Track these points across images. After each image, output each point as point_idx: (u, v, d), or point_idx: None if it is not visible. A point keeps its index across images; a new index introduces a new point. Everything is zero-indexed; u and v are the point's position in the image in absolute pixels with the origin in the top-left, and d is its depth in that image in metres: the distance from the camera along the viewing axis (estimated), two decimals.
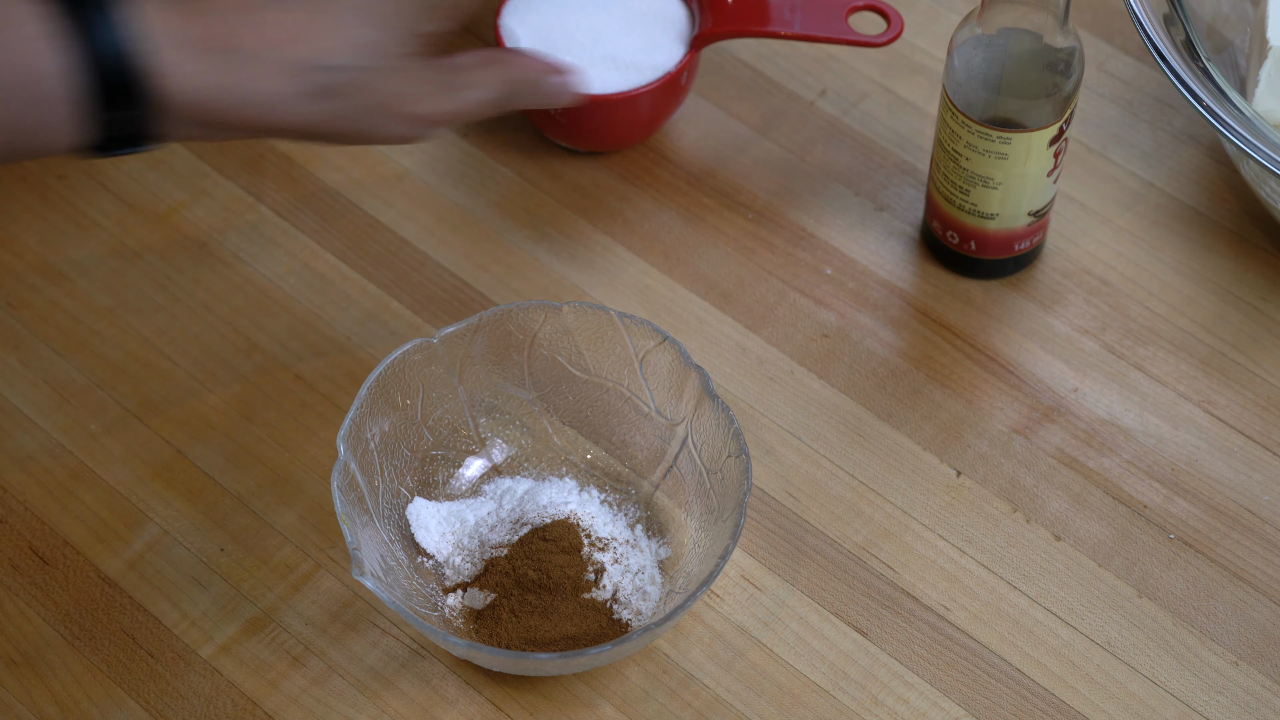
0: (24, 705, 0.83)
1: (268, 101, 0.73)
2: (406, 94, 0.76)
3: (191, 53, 0.71)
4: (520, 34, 0.99)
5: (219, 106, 0.72)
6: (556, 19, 0.99)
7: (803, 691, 0.84)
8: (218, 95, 0.72)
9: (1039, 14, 0.86)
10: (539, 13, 1.00)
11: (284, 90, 0.73)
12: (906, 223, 0.99)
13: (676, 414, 0.87)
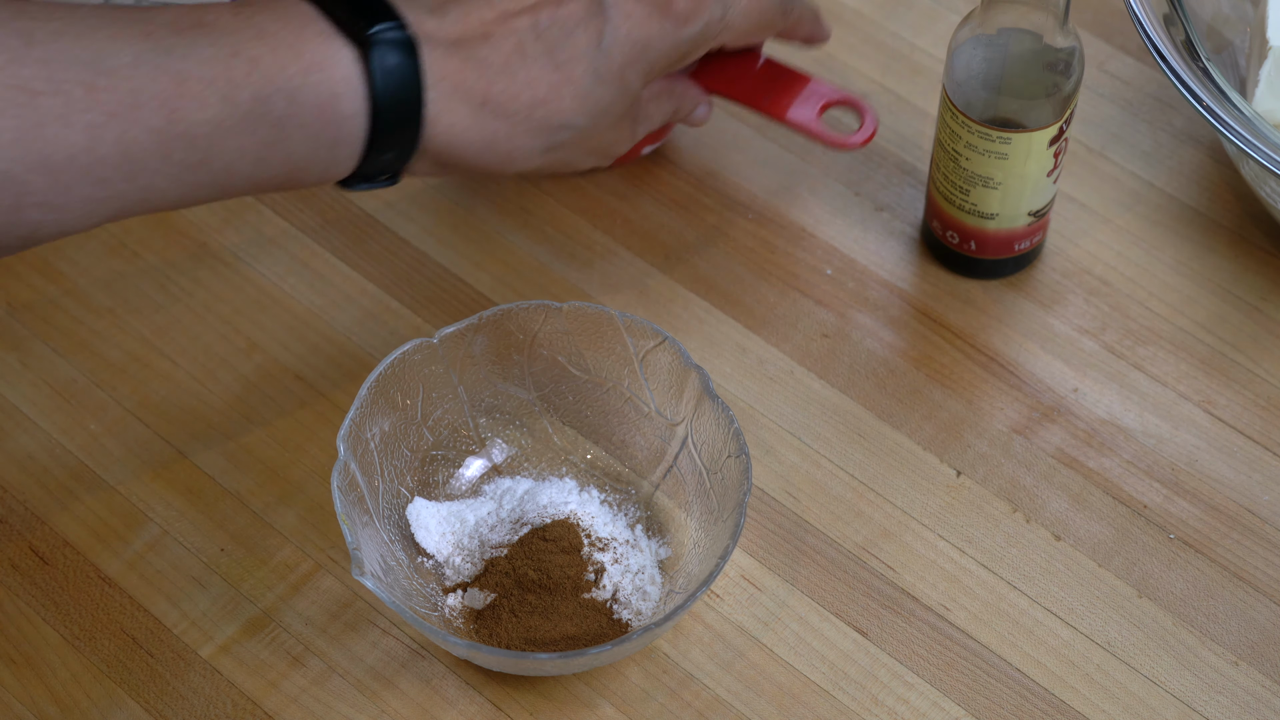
0: (24, 705, 0.83)
1: (511, 153, 0.79)
2: (615, 140, 0.83)
3: (460, 104, 0.76)
4: None
5: (469, 154, 0.77)
6: None
7: (803, 691, 0.84)
8: (472, 145, 0.77)
9: (1039, 14, 0.86)
10: None
11: (528, 146, 0.79)
12: (906, 223, 0.99)
13: (676, 414, 0.87)
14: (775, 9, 0.86)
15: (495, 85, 0.76)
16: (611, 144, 0.83)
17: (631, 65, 0.80)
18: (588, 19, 0.78)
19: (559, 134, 0.79)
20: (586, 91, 0.78)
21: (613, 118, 0.81)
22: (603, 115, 0.80)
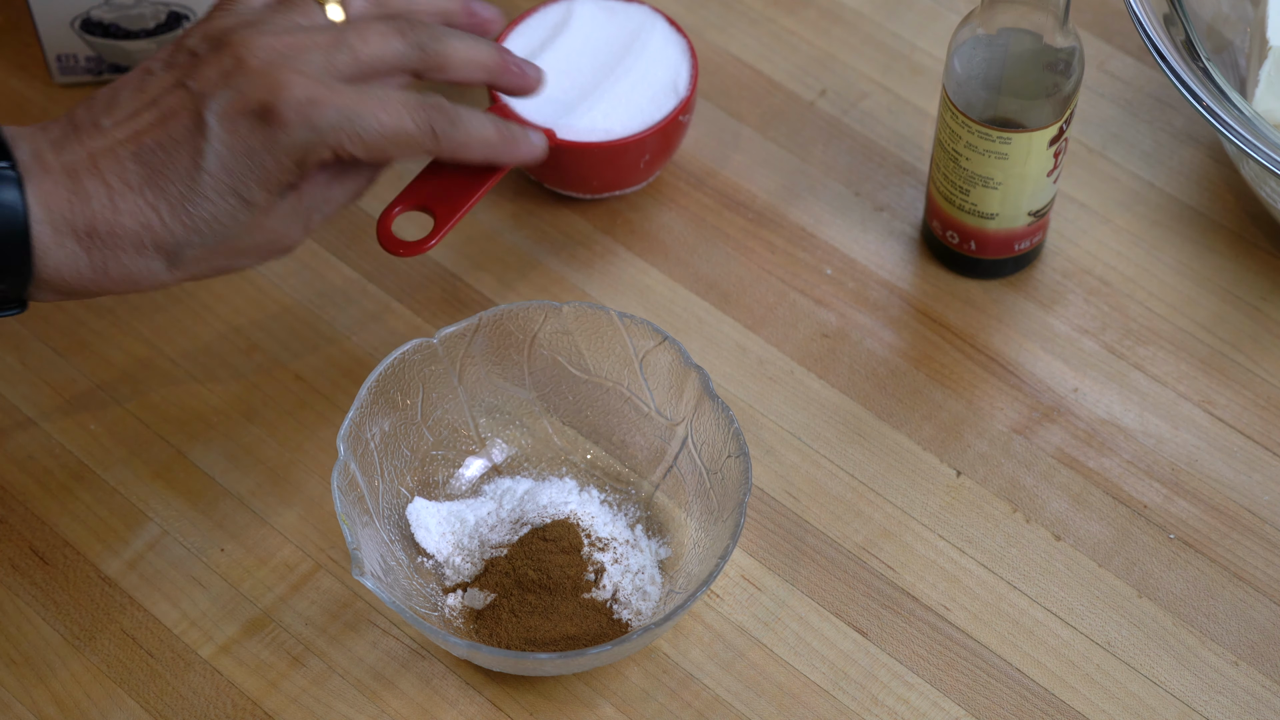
0: (24, 705, 0.83)
1: (131, 278, 0.78)
2: (279, 238, 0.80)
3: (67, 236, 0.76)
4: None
5: (84, 283, 0.77)
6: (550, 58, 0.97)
7: (803, 691, 0.84)
8: (84, 275, 0.77)
9: (1039, 14, 0.86)
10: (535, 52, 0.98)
11: (146, 268, 0.78)
12: (906, 223, 0.99)
13: (676, 414, 0.87)
14: (418, 134, 0.80)
15: (99, 216, 0.76)
16: (275, 242, 0.80)
17: (244, 179, 0.77)
18: (188, 138, 0.77)
19: (181, 252, 0.78)
20: (193, 212, 0.77)
21: (245, 226, 0.78)
22: (227, 229, 0.78)
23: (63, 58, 1.03)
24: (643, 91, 0.96)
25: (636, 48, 0.97)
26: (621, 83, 0.96)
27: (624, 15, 0.99)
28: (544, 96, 0.93)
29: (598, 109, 0.95)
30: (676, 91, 0.96)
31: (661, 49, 0.97)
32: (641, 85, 0.96)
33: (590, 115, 0.95)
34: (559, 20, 0.98)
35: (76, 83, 1.04)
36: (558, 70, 0.95)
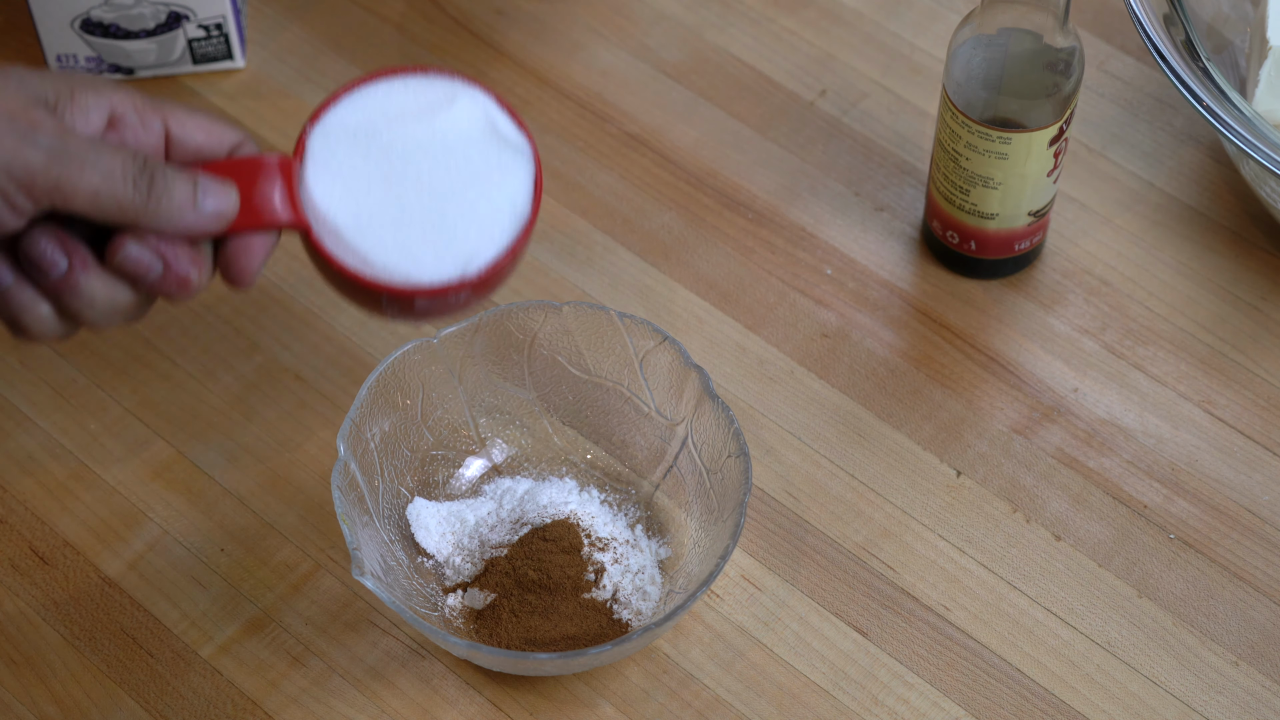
0: (24, 705, 0.83)
1: None
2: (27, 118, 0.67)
3: None
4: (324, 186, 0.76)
5: None
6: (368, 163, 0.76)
7: (803, 691, 0.84)
8: None
9: (1039, 14, 0.86)
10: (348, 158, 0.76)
11: None
12: (906, 223, 0.99)
13: (676, 414, 0.87)
14: (124, 186, 0.68)
15: None
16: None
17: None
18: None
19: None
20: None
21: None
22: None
23: (63, 58, 1.03)
24: (466, 214, 0.76)
25: (463, 149, 0.76)
26: (439, 200, 0.76)
27: (444, 106, 0.77)
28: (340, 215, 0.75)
29: (407, 233, 0.75)
30: (514, 211, 0.76)
31: (494, 152, 0.77)
32: (466, 205, 0.76)
33: (392, 243, 0.75)
34: (370, 107, 0.77)
35: None
36: (358, 176, 0.75)
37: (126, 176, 0.68)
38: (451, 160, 0.76)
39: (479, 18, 1.08)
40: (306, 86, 1.05)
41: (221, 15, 1.02)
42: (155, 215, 0.69)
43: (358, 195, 0.75)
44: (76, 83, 0.69)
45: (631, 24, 1.08)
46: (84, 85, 0.69)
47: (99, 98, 0.69)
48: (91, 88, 0.69)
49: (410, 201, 0.75)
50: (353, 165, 0.75)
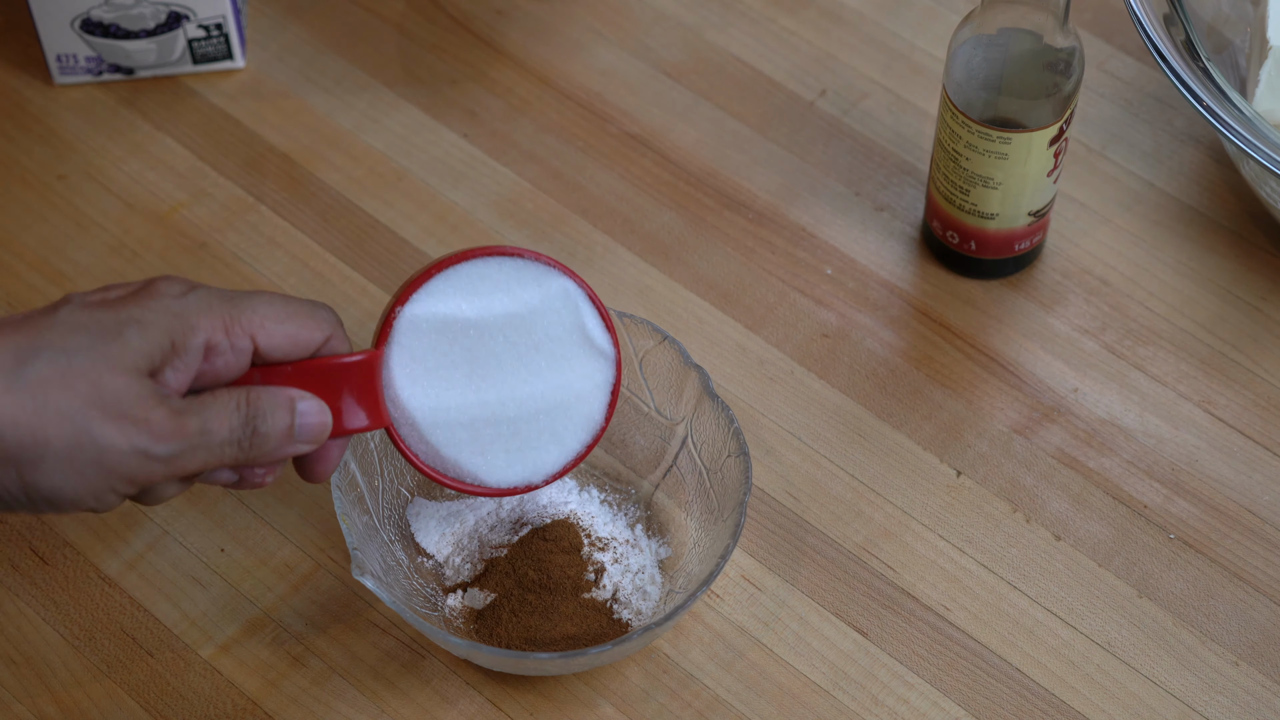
0: (24, 705, 0.83)
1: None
2: (131, 397, 0.68)
3: None
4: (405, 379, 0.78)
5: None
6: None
7: (803, 691, 0.84)
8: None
9: (1039, 14, 0.86)
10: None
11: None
12: (906, 223, 0.99)
13: (676, 414, 0.87)
14: (307, 309, 0.73)
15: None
16: (138, 404, 0.68)
17: (113, 322, 0.68)
18: (53, 308, 0.69)
19: (25, 360, 0.66)
20: (51, 333, 0.67)
21: (111, 361, 0.67)
22: (90, 351, 0.67)
23: (63, 58, 1.03)
24: (543, 424, 0.80)
25: (549, 351, 0.79)
26: (518, 405, 0.79)
27: (534, 300, 0.78)
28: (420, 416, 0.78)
29: (482, 435, 0.79)
30: (589, 423, 0.81)
31: (580, 357, 0.80)
32: (543, 413, 0.80)
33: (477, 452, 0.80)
34: (459, 290, 0.78)
35: (76, 82, 1.04)
36: (441, 372, 0.78)
37: (232, 442, 0.70)
38: (536, 362, 0.79)
39: (479, 18, 1.08)
40: (306, 86, 1.05)
41: (221, 15, 1.02)
42: (255, 459, 0.72)
43: (439, 391, 0.78)
44: (174, 329, 0.69)
45: (631, 24, 1.08)
46: (180, 329, 0.69)
47: (195, 337, 0.70)
48: (187, 327, 0.69)
49: (490, 402, 0.79)
50: (436, 360, 0.78)
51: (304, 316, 0.73)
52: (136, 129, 1.03)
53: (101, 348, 0.67)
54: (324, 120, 1.03)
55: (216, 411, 0.70)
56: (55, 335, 0.67)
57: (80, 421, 0.66)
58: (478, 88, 1.05)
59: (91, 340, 0.67)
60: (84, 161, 1.01)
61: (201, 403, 0.70)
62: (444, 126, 1.03)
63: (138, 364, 0.68)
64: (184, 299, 0.70)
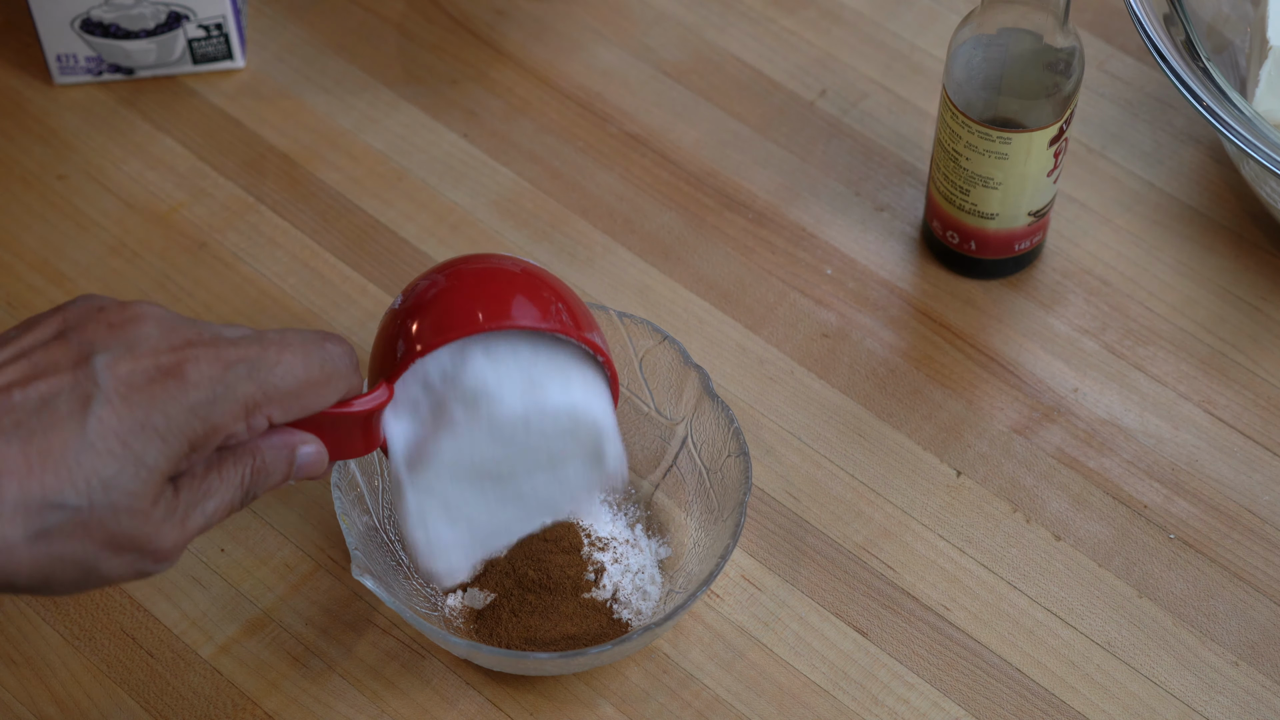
0: (24, 705, 0.83)
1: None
2: (153, 533, 0.67)
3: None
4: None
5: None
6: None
7: (803, 691, 0.84)
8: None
9: (1039, 14, 0.86)
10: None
11: (4, 535, 0.64)
12: (906, 223, 0.99)
13: (676, 414, 0.87)
14: (325, 374, 0.71)
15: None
16: (149, 538, 0.66)
17: (138, 436, 0.65)
18: (72, 388, 0.65)
19: (46, 516, 0.64)
20: (75, 461, 0.64)
21: (130, 498, 0.65)
22: (110, 493, 0.65)
23: (63, 58, 1.03)
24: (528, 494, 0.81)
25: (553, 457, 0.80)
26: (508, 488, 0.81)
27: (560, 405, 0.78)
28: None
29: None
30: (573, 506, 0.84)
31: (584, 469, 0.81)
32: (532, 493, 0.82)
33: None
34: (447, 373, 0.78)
35: (76, 82, 1.04)
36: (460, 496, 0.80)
37: (234, 507, 0.70)
38: (537, 458, 0.79)
39: (479, 18, 1.08)
40: (306, 86, 1.05)
41: (221, 15, 1.02)
42: (247, 504, 0.71)
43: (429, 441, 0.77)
44: (195, 434, 0.67)
45: (631, 24, 1.08)
46: (202, 433, 0.67)
47: (215, 438, 0.68)
48: (209, 430, 0.67)
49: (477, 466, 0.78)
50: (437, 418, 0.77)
51: (322, 386, 0.71)
52: (136, 129, 1.03)
53: (123, 483, 0.66)
54: (324, 120, 1.03)
55: (220, 497, 0.69)
56: (80, 473, 0.65)
57: (90, 562, 0.66)
58: (478, 88, 1.05)
59: (118, 470, 0.65)
60: (84, 161, 1.01)
61: (206, 491, 0.69)
62: (444, 126, 1.03)
63: (155, 485, 0.67)
64: (211, 389, 0.67)
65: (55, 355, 0.66)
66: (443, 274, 0.78)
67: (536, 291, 0.77)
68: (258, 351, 0.69)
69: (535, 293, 0.77)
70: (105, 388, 0.65)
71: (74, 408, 0.65)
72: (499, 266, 0.78)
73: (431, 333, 0.76)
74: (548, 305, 0.77)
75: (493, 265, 0.78)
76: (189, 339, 0.68)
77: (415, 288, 0.78)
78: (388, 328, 0.78)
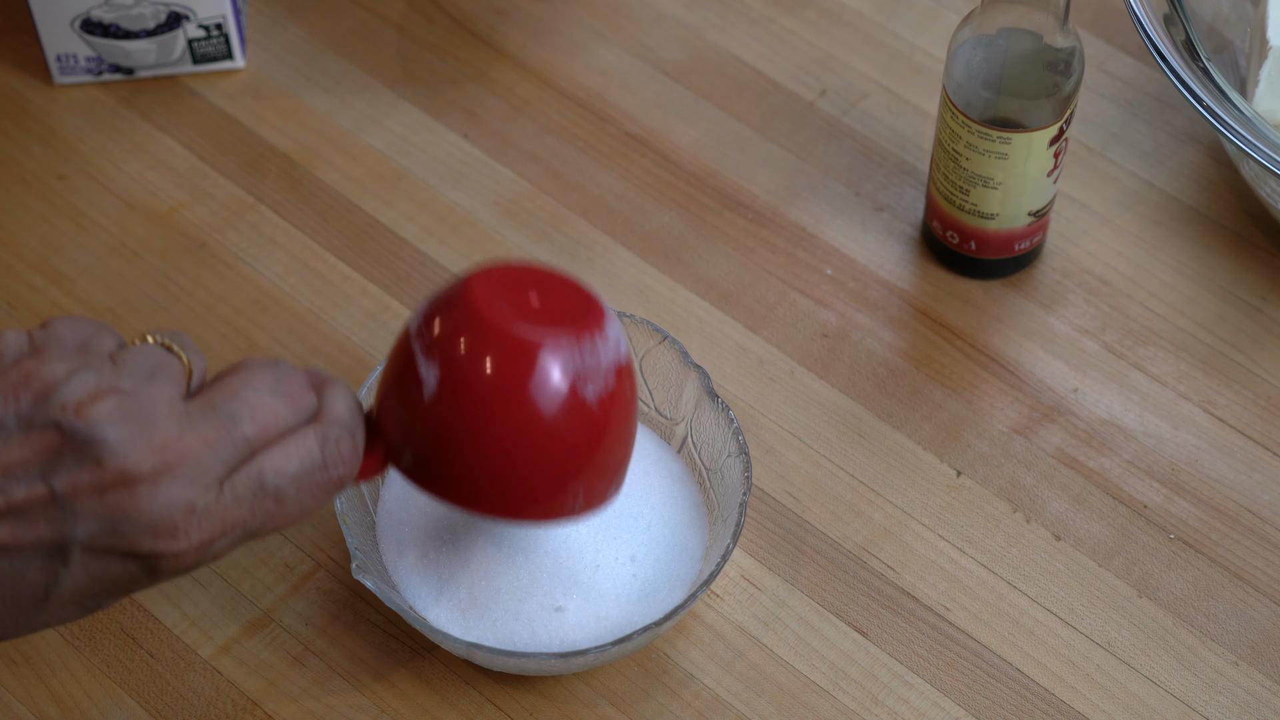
0: (24, 705, 0.83)
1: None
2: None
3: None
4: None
5: None
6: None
7: (803, 691, 0.84)
8: None
9: (1039, 14, 0.86)
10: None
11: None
12: (906, 223, 0.99)
13: (676, 414, 0.87)
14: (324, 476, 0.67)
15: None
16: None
17: (101, 599, 0.64)
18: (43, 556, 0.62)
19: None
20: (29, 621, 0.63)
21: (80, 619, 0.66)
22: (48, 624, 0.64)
23: (63, 58, 1.03)
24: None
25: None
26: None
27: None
28: None
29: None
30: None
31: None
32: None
33: None
34: None
35: (76, 83, 1.04)
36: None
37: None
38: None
39: (479, 18, 1.08)
40: (306, 86, 1.05)
41: (221, 15, 1.02)
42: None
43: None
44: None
45: (631, 24, 1.08)
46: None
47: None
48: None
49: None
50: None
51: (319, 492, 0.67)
52: (136, 129, 1.03)
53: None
54: (324, 120, 1.03)
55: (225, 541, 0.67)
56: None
57: None
58: (478, 88, 1.05)
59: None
60: (84, 161, 1.01)
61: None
62: (444, 126, 1.03)
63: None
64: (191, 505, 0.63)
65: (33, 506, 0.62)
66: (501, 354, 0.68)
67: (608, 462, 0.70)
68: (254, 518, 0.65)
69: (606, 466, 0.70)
70: (74, 567, 0.62)
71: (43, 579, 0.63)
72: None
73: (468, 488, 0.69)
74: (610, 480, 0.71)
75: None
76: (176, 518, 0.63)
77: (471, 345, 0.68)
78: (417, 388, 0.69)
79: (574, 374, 0.68)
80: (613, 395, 0.69)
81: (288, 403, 0.66)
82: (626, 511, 0.83)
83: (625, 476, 0.73)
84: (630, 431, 0.72)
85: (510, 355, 0.67)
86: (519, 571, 0.81)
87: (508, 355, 0.67)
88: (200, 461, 0.63)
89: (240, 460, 0.64)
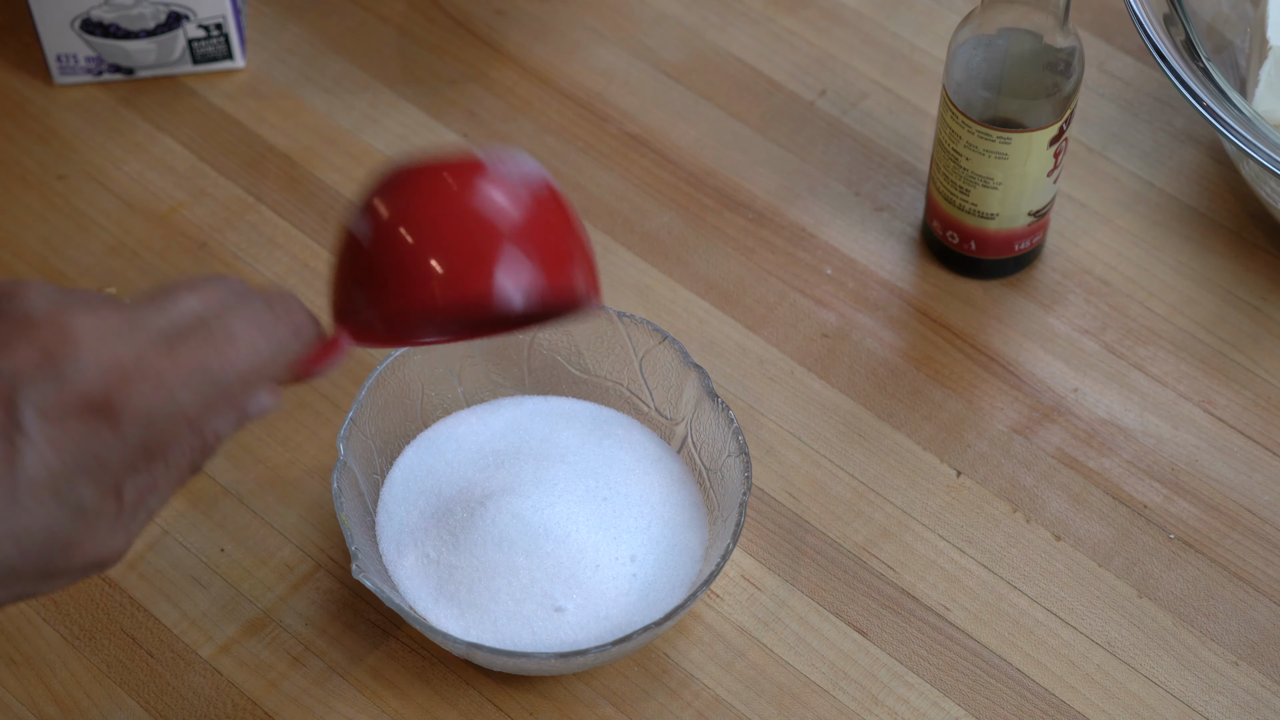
0: (24, 705, 0.83)
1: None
2: (83, 557, 0.63)
3: None
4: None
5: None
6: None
7: (803, 691, 0.84)
8: None
9: (1039, 14, 0.86)
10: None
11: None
12: (906, 223, 0.99)
13: (676, 414, 0.87)
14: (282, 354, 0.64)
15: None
16: (91, 555, 0.63)
17: (70, 484, 0.60)
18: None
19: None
20: (4, 522, 0.59)
21: (65, 543, 0.61)
22: (45, 544, 0.61)
23: (63, 58, 1.03)
24: None
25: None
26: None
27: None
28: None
29: None
30: None
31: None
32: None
33: None
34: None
35: (76, 83, 1.04)
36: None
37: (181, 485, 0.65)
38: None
39: (479, 18, 1.08)
40: (306, 86, 1.05)
41: (221, 15, 1.02)
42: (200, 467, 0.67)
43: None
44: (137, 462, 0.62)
45: (631, 24, 1.08)
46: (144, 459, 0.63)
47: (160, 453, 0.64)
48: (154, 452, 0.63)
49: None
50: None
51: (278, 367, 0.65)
52: (136, 129, 1.03)
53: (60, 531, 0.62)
54: (324, 120, 1.03)
55: (166, 488, 0.65)
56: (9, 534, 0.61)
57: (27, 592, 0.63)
58: (478, 88, 1.05)
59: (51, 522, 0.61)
60: (84, 161, 1.01)
61: (151, 487, 0.64)
62: (444, 126, 1.03)
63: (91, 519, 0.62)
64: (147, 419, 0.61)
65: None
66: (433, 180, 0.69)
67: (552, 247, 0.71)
68: (203, 355, 0.62)
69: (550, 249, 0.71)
70: (32, 434, 0.60)
71: (4, 463, 0.60)
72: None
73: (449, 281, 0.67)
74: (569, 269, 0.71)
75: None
76: (122, 359, 0.60)
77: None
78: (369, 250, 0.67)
79: (488, 166, 0.71)
80: (539, 182, 0.72)
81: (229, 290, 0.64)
82: (626, 511, 0.83)
83: (597, 278, 0.73)
84: (576, 226, 0.73)
85: (427, 166, 0.69)
86: (519, 571, 0.81)
87: (425, 169, 0.69)
88: (141, 318, 0.61)
89: (187, 323, 0.62)
